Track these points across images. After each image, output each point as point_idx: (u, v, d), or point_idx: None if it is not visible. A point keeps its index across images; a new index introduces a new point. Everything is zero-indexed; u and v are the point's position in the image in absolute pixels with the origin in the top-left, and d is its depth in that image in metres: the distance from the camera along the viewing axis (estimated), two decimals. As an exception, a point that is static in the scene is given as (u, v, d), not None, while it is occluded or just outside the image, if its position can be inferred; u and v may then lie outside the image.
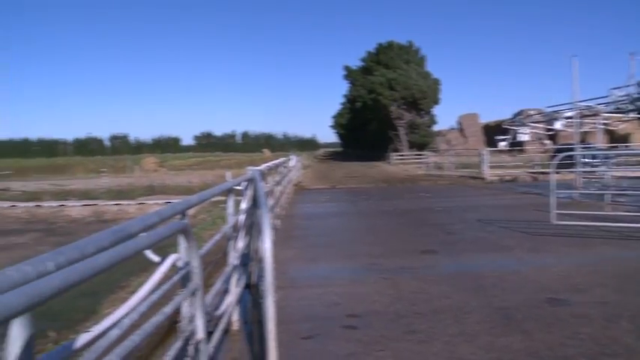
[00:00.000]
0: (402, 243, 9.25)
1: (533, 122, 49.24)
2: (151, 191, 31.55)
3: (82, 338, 1.97)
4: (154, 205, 23.67)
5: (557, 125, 43.58)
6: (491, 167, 23.93)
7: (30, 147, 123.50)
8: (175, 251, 2.95)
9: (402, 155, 44.59)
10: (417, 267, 7.27)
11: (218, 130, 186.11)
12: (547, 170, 15.92)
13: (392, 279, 6.63)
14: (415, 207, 14.73)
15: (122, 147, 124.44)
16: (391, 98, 48.15)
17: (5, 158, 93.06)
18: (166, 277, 2.77)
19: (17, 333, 1.27)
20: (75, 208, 26.38)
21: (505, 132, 52.29)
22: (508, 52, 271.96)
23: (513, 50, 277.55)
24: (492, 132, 55.90)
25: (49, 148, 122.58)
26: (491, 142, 50.41)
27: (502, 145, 47.87)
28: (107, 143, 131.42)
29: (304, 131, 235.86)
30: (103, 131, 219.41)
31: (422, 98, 48.76)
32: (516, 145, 47.22)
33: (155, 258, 2.86)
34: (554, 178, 10.19)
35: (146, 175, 45.64)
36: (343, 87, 71.17)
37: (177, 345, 2.59)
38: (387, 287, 6.25)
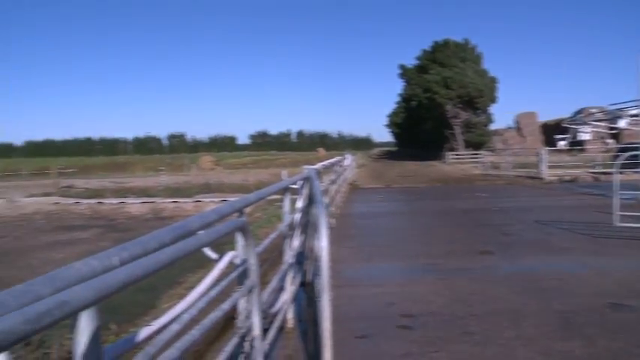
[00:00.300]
0: (458, 243, 9.11)
1: (594, 121, 47.63)
2: (208, 189, 32.11)
3: (144, 331, 2.03)
4: (210, 202, 24.11)
5: (621, 123, 42.07)
6: (550, 167, 23.26)
7: (93, 146, 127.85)
8: (231, 248, 2.99)
9: (457, 155, 44.02)
10: (474, 268, 7.16)
11: (273, 129, 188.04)
12: (609, 170, 15.36)
13: (448, 280, 6.55)
14: (471, 207, 14.49)
15: (180, 146, 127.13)
16: (447, 97, 47.52)
17: (70, 157, 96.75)
18: (223, 274, 2.82)
19: (85, 324, 1.32)
20: (134, 205, 27.16)
21: (565, 131, 50.71)
22: (568, 49, 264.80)
23: (574, 47, 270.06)
24: (551, 131, 54.27)
25: (110, 146, 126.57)
26: (549, 142, 49.00)
27: (562, 144, 46.47)
28: (165, 142, 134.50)
29: (359, 130, 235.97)
30: (162, 130, 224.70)
31: (478, 97, 47.93)
32: (576, 145, 45.72)
33: (213, 255, 2.91)
34: (617, 178, 9.82)
35: (202, 173, 46.53)
36: (398, 86, 70.68)
37: (233, 341, 2.63)
38: (443, 288, 6.18)
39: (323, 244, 3.21)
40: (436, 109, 48.91)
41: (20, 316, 0.91)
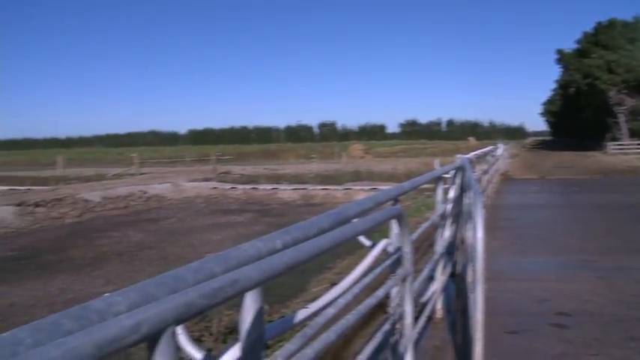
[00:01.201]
0: (619, 240, 8.43)
1: None
2: (357, 177, 32.50)
3: (301, 313, 2.09)
4: (360, 190, 24.38)
5: None
6: None
7: (248, 134, 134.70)
8: (382, 236, 2.99)
9: (621, 145, 40.90)
10: (637, 268, 6.59)
11: (423, 118, 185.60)
12: None
13: (607, 278, 6.09)
14: (636, 201, 13.31)
15: (330, 134, 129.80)
16: (610, 82, 43.92)
17: (227, 144, 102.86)
18: (377, 262, 2.83)
19: (250, 303, 1.38)
20: (286, 192, 28.17)
21: None
22: None
23: None
24: None
25: (264, 134, 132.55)
26: None
27: None
28: (316, 130, 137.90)
29: (511, 119, 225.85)
30: (313, 119, 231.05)
31: (648, 82, 43.78)
32: None
33: (367, 242, 2.94)
34: None
35: (352, 161, 47.19)
36: (555, 72, 66.42)
37: (384, 327, 2.64)
38: (602, 287, 5.75)
39: (479, 234, 3.11)
40: (597, 96, 45.46)
41: (198, 291, 0.97)
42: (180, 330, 1.63)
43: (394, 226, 2.67)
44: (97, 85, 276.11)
